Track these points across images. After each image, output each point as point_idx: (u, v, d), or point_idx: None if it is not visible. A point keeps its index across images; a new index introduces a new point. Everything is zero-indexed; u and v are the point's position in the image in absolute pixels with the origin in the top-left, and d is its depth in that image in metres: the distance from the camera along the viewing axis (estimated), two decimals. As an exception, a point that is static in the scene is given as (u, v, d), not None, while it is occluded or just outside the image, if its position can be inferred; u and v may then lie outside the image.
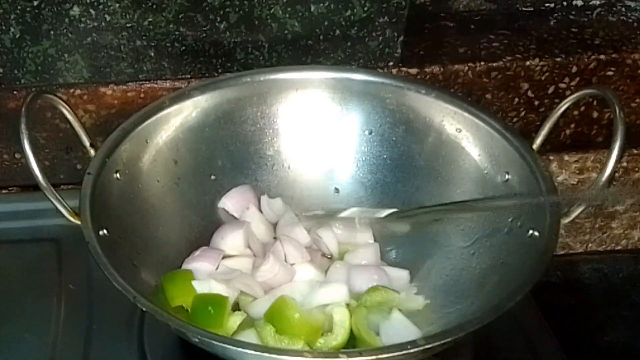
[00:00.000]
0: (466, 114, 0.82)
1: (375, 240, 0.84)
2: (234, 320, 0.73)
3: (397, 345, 0.61)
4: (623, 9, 1.03)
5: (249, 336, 0.71)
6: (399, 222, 0.83)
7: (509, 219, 0.76)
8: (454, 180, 0.83)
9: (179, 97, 0.83)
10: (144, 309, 0.63)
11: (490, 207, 0.77)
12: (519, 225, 0.75)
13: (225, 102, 0.85)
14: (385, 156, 0.87)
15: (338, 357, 0.59)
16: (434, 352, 0.62)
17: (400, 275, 0.81)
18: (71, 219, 0.71)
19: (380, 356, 0.59)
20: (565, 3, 1.03)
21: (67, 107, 0.78)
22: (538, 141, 0.80)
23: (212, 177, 0.85)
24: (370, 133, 0.87)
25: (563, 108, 0.80)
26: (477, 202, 0.79)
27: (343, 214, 0.84)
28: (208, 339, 0.61)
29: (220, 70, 0.90)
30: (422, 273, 0.80)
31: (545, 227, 0.71)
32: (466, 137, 0.82)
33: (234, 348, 0.60)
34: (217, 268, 0.78)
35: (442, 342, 0.61)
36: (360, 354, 0.59)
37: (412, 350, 0.60)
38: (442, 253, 0.81)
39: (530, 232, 0.73)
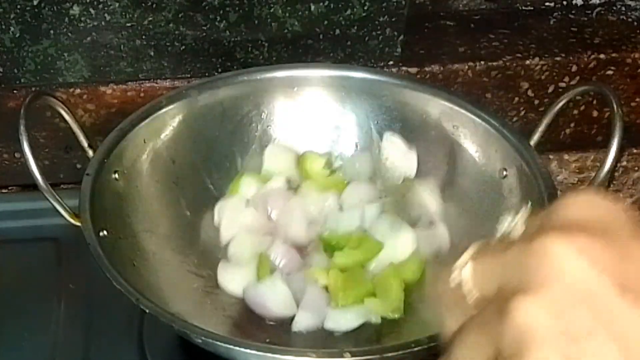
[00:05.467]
0: (463, 111, 0.82)
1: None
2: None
3: (400, 345, 0.62)
4: (623, 8, 1.03)
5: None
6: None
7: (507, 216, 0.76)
8: (451, 177, 0.83)
9: (176, 96, 0.83)
10: (147, 311, 0.63)
11: None
12: (517, 222, 0.75)
13: (223, 101, 0.85)
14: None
15: (342, 356, 0.59)
16: (435, 351, 0.62)
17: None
18: (71, 220, 0.72)
19: (384, 355, 0.60)
20: (565, 2, 1.03)
21: (66, 108, 0.78)
22: (535, 137, 0.80)
23: (211, 176, 0.85)
24: (368, 131, 0.87)
25: (561, 104, 0.80)
26: None
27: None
28: (211, 340, 0.61)
29: (220, 70, 0.90)
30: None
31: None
32: (463, 134, 0.82)
33: (237, 348, 0.60)
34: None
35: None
36: (365, 353, 0.60)
37: (415, 349, 0.60)
38: (441, 251, 0.81)
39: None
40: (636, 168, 1.05)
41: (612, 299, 0.34)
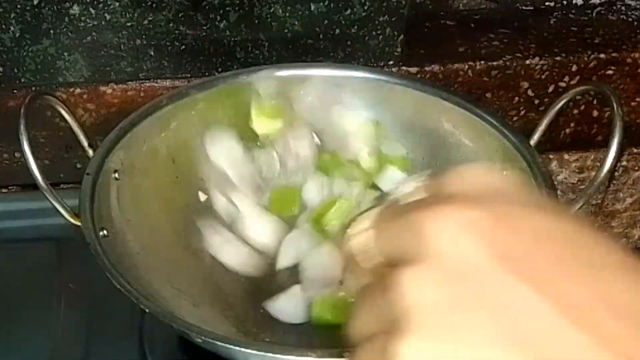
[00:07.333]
0: (463, 111, 0.82)
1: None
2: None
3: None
4: (623, 7, 1.03)
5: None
6: None
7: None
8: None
9: (177, 95, 0.83)
10: (147, 310, 0.63)
11: None
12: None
13: (223, 100, 0.85)
14: (382, 153, 0.87)
15: (342, 356, 0.59)
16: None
17: None
18: (71, 220, 0.71)
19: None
20: (565, 2, 1.03)
21: (66, 107, 0.78)
22: (536, 137, 0.80)
23: (211, 175, 0.85)
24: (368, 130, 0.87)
25: (561, 104, 0.80)
26: None
27: None
28: (212, 340, 0.61)
29: (220, 69, 0.90)
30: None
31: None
32: (463, 134, 0.82)
33: (237, 348, 0.60)
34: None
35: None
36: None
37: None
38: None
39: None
40: (636, 168, 1.05)
41: (491, 271, 0.33)
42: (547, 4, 1.04)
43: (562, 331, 0.32)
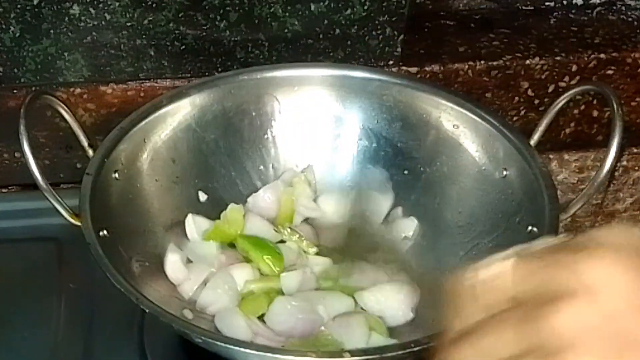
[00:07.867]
0: (463, 110, 0.82)
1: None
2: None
3: (400, 345, 0.62)
4: (623, 7, 1.04)
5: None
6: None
7: (508, 216, 0.77)
8: (452, 177, 0.83)
9: (177, 95, 0.83)
10: (147, 310, 0.63)
11: None
12: (517, 222, 0.76)
13: (223, 100, 0.85)
14: (382, 153, 0.87)
15: (342, 356, 0.59)
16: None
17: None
18: (71, 220, 0.71)
19: (384, 355, 0.60)
20: (565, 2, 1.03)
21: (66, 107, 0.78)
22: (536, 137, 0.80)
23: (211, 175, 0.85)
24: (368, 130, 0.87)
25: (561, 104, 0.80)
26: None
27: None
28: (211, 340, 0.61)
29: (220, 69, 0.90)
30: (421, 270, 0.81)
31: (544, 223, 0.72)
32: (464, 133, 0.82)
33: (237, 348, 0.60)
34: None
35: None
36: (365, 353, 0.60)
37: (415, 349, 0.60)
38: (440, 250, 0.81)
39: (530, 228, 0.73)
40: (636, 168, 1.05)
41: None
42: (547, 4, 1.04)
43: None
